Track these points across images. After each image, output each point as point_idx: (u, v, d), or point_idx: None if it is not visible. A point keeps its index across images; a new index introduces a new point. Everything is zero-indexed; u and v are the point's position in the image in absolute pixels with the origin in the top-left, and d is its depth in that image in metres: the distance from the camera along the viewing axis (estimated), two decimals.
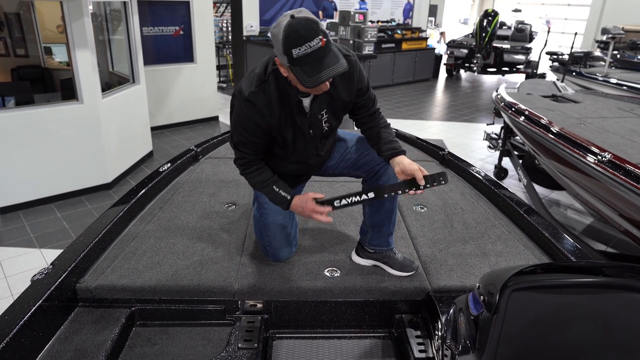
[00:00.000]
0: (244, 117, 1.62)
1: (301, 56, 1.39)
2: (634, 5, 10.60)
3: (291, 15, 1.39)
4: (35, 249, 3.40)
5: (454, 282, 1.84)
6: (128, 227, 2.19)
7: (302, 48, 1.38)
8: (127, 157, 4.72)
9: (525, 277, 1.17)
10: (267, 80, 1.59)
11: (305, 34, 1.37)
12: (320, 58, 1.41)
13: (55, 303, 1.62)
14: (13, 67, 5.17)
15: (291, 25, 1.38)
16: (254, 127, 1.63)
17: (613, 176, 2.64)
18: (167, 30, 5.94)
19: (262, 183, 1.75)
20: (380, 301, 1.82)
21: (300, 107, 1.65)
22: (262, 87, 1.58)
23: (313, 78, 1.41)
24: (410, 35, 9.89)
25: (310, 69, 1.41)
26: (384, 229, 1.90)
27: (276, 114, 1.62)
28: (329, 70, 1.42)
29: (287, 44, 1.38)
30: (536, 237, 2.15)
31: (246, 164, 1.74)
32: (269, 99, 1.59)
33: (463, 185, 2.77)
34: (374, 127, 1.82)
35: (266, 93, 1.58)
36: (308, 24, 1.38)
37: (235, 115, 1.66)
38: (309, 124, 1.70)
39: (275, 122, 1.63)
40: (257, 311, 1.80)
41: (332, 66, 1.42)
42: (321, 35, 1.40)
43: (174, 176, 2.76)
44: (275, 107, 1.61)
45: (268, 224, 1.91)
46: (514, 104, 4.01)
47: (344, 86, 1.68)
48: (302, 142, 1.74)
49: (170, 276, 1.83)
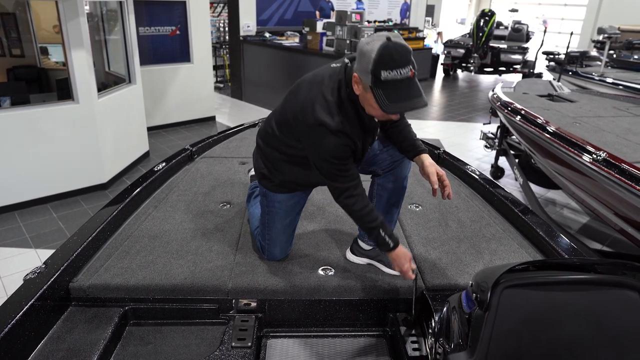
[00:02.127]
0: (339, 148, 1.56)
1: (389, 80, 1.38)
2: (630, 5, 10.64)
3: (387, 37, 1.38)
4: (31, 249, 3.39)
5: (448, 280, 1.84)
6: (122, 226, 2.18)
7: (392, 73, 1.37)
8: (123, 157, 4.71)
9: (517, 274, 1.17)
10: (344, 105, 1.55)
11: (398, 60, 1.37)
12: (405, 87, 1.40)
13: (48, 302, 1.61)
14: (9, 67, 5.16)
15: (387, 47, 1.36)
16: (349, 154, 1.60)
17: (608, 175, 2.65)
18: (163, 30, 5.93)
19: (369, 223, 1.67)
20: (374, 300, 1.82)
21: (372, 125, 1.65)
22: (344, 113, 1.55)
23: (395, 105, 1.41)
24: (407, 35, 9.91)
25: (393, 95, 1.40)
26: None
27: (359, 134, 1.62)
28: (412, 102, 1.41)
29: (378, 64, 1.37)
30: (531, 236, 2.15)
31: (350, 196, 1.65)
32: (352, 122, 1.57)
33: (458, 184, 2.77)
34: (397, 126, 1.84)
35: (348, 118, 1.56)
36: (403, 51, 1.38)
37: (324, 149, 1.57)
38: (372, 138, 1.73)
39: (359, 141, 1.63)
40: (251, 310, 1.80)
41: (415, 99, 1.41)
42: (411, 65, 1.40)
43: (169, 175, 2.76)
44: (357, 128, 1.60)
45: (275, 222, 1.90)
46: (510, 104, 4.02)
47: None
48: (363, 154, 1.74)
49: (164, 275, 1.82)
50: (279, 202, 1.88)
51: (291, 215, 1.92)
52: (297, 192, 1.90)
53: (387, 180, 1.86)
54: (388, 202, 1.89)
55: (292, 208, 1.92)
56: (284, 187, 1.86)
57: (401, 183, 1.88)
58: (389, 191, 1.87)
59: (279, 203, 1.88)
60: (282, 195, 1.87)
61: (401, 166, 1.85)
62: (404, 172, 1.87)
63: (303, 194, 1.94)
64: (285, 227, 1.92)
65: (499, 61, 9.99)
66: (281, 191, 1.87)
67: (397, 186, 1.87)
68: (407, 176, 1.89)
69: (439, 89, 10.09)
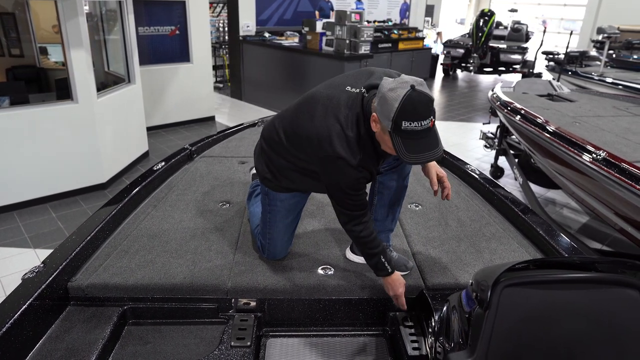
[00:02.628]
0: (355, 180, 1.59)
1: (409, 130, 1.38)
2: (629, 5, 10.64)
3: (412, 86, 1.38)
4: (30, 249, 3.38)
5: (448, 279, 1.84)
6: (121, 226, 2.18)
7: (413, 124, 1.37)
8: (123, 157, 4.70)
9: (517, 273, 1.17)
10: (362, 140, 1.56)
11: (421, 112, 1.37)
12: (424, 138, 1.41)
13: (46, 301, 1.61)
14: (8, 67, 5.15)
15: (411, 97, 1.36)
16: (364, 185, 1.64)
17: (608, 174, 2.65)
18: (163, 30, 5.92)
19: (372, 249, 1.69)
20: (374, 299, 1.82)
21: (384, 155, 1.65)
22: (364, 152, 1.57)
23: (414, 156, 1.41)
24: (406, 35, 9.90)
25: (411, 144, 1.41)
26: (387, 224, 1.92)
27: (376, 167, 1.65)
28: (430, 153, 1.42)
29: (400, 115, 1.37)
30: (531, 235, 2.15)
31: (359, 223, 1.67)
32: (371, 159, 1.60)
33: (458, 183, 2.77)
34: None
35: (368, 156, 1.58)
36: (426, 102, 1.38)
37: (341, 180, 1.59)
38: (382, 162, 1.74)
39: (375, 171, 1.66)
40: (250, 309, 1.79)
41: (433, 150, 1.42)
42: (432, 116, 1.40)
43: (168, 175, 2.75)
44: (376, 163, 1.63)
45: (276, 222, 1.90)
46: (509, 103, 4.02)
47: None
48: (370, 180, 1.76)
49: (163, 274, 1.82)
50: (280, 201, 1.88)
51: (293, 214, 1.93)
52: (297, 192, 1.90)
53: (389, 178, 1.87)
54: (390, 200, 1.90)
55: (294, 207, 1.92)
56: (286, 189, 1.86)
57: (403, 181, 1.89)
58: (391, 189, 1.88)
59: (281, 202, 1.88)
60: (284, 194, 1.87)
61: (403, 165, 1.85)
62: (406, 170, 1.88)
63: (304, 193, 1.94)
64: (287, 226, 1.92)
65: (499, 61, 9.99)
66: (283, 191, 1.87)
67: (399, 185, 1.88)
68: (409, 175, 1.91)
69: (438, 89, 10.09)
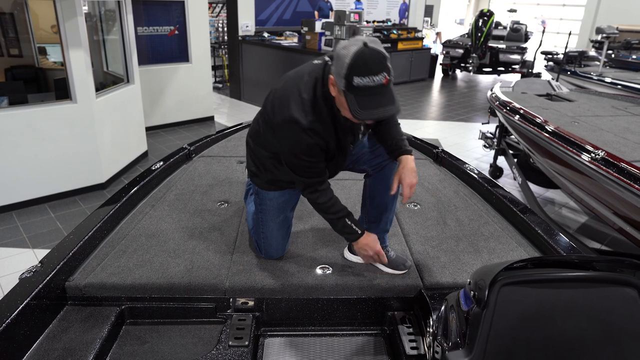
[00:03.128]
0: (306, 145, 1.58)
1: (361, 87, 1.38)
2: (628, 6, 10.65)
3: (364, 43, 1.38)
4: (28, 249, 3.38)
5: (446, 279, 1.84)
6: (119, 225, 2.17)
7: (365, 80, 1.37)
8: (122, 157, 4.70)
9: (514, 271, 1.17)
10: (318, 103, 1.56)
11: (372, 67, 1.37)
12: (378, 95, 1.40)
13: (44, 301, 1.60)
14: (7, 67, 5.14)
15: (362, 53, 1.36)
16: (319, 152, 1.61)
17: (607, 174, 2.64)
18: (162, 30, 5.92)
19: (335, 214, 1.71)
20: (373, 298, 1.81)
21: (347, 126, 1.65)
22: (316, 112, 1.55)
23: (365, 112, 1.40)
24: (406, 35, 9.90)
25: (365, 101, 1.40)
26: (381, 226, 1.91)
27: (332, 134, 1.62)
28: (383, 110, 1.41)
29: (351, 70, 1.37)
30: (529, 234, 2.14)
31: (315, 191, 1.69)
32: (325, 122, 1.58)
33: (457, 183, 2.77)
34: (385, 125, 1.82)
35: (321, 117, 1.56)
36: (379, 58, 1.37)
37: (293, 145, 1.60)
38: (352, 140, 1.72)
39: (332, 141, 1.64)
40: (249, 309, 1.79)
41: (387, 107, 1.41)
42: (386, 72, 1.39)
43: (167, 174, 2.75)
44: (330, 128, 1.60)
45: (267, 221, 1.90)
46: (508, 103, 4.02)
47: None
48: (342, 156, 1.75)
49: (161, 274, 1.81)
50: (269, 200, 1.88)
51: (283, 212, 1.91)
52: (288, 190, 1.89)
53: (377, 180, 1.85)
54: (382, 201, 1.87)
55: (284, 205, 1.91)
56: (273, 185, 1.86)
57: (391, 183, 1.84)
58: (380, 192, 1.86)
59: (270, 201, 1.88)
60: (273, 192, 1.87)
61: (389, 166, 1.82)
62: (394, 170, 1.82)
63: (294, 192, 1.92)
64: (279, 224, 1.91)
65: (498, 61, 9.99)
66: (271, 189, 1.86)
67: (387, 186, 1.84)
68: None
69: (437, 89, 10.09)
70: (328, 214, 1.73)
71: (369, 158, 1.85)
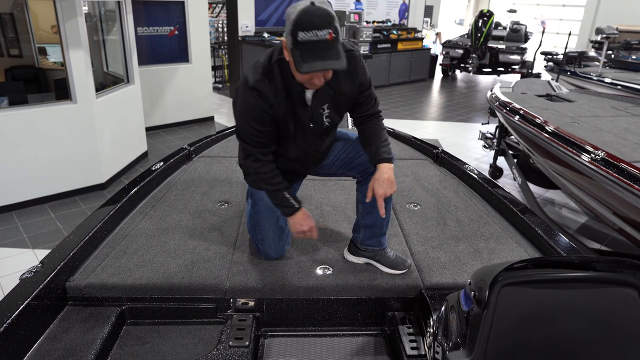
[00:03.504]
0: (251, 107, 1.58)
1: (305, 41, 1.39)
2: (627, 6, 10.66)
3: (312, 2, 1.41)
4: (29, 249, 3.38)
5: (446, 279, 1.84)
6: (119, 226, 2.18)
7: (309, 34, 1.38)
8: (122, 158, 4.70)
9: (515, 272, 1.17)
10: (272, 69, 1.58)
11: (316, 22, 1.39)
12: (322, 50, 1.41)
13: (45, 302, 1.60)
14: (7, 67, 5.14)
15: (307, 10, 1.39)
16: (262, 116, 1.60)
17: (607, 174, 2.65)
18: (162, 30, 5.92)
19: (275, 185, 1.72)
20: (373, 299, 1.82)
21: (302, 98, 1.63)
22: (267, 75, 1.57)
23: (306, 65, 1.41)
24: (405, 36, 9.91)
25: (307, 55, 1.41)
26: (376, 230, 1.89)
27: (282, 102, 1.60)
28: (323, 63, 1.41)
29: (296, 26, 1.39)
30: (529, 235, 2.14)
31: (257, 160, 1.69)
32: (274, 86, 1.58)
33: (457, 183, 2.77)
34: (369, 128, 1.81)
35: (271, 81, 1.58)
36: (323, 14, 1.40)
37: (240, 106, 1.62)
38: (310, 117, 1.68)
39: (281, 111, 1.62)
40: (249, 309, 1.79)
41: (329, 61, 1.41)
42: (332, 29, 1.40)
43: (167, 175, 2.75)
44: (281, 96, 1.60)
45: (261, 222, 1.90)
46: (508, 103, 4.02)
47: (348, 81, 1.67)
48: (302, 136, 1.72)
49: (162, 274, 1.81)
50: (261, 200, 1.88)
51: (275, 213, 1.89)
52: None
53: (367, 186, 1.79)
54: (373, 208, 1.81)
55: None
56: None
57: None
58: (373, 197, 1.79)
59: (261, 201, 1.88)
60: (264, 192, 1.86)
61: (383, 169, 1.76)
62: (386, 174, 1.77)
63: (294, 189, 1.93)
64: (273, 226, 1.90)
65: (498, 61, 10.00)
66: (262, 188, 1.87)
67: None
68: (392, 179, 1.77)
69: (437, 90, 10.10)
70: (269, 185, 1.73)
71: (358, 164, 1.83)
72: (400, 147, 3.28)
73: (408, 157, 3.13)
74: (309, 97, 1.64)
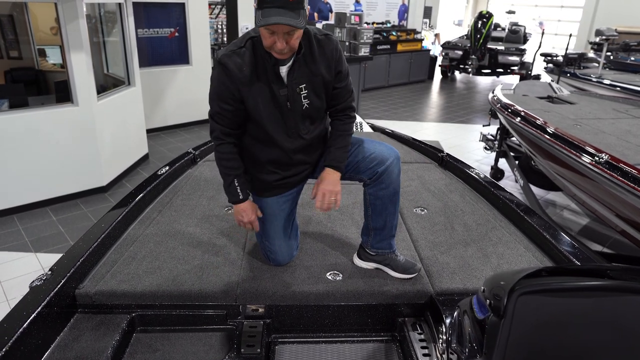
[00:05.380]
0: (216, 82, 1.64)
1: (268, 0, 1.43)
2: (625, 7, 10.71)
3: None
4: (31, 253, 3.36)
5: (456, 284, 1.84)
6: (127, 231, 2.17)
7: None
8: (123, 160, 4.68)
9: (532, 280, 1.17)
10: (244, 46, 1.62)
11: None
12: (282, 8, 1.43)
13: (55, 310, 1.59)
14: (6, 69, 5.11)
15: None
16: (224, 92, 1.63)
17: (610, 177, 2.66)
18: (162, 32, 5.90)
19: (227, 169, 1.76)
20: (383, 304, 1.81)
21: (276, 73, 1.63)
22: (237, 51, 1.61)
23: (264, 20, 1.44)
24: (405, 37, 9.92)
25: (267, 12, 1.43)
26: (386, 232, 1.89)
27: (247, 75, 1.61)
28: (279, 18, 1.43)
29: None
30: (537, 239, 2.15)
31: (217, 138, 1.73)
32: (241, 60, 1.61)
33: (462, 187, 2.77)
34: (336, 128, 1.83)
35: (240, 55, 1.61)
36: None
37: (211, 82, 1.67)
38: (287, 96, 1.66)
39: (245, 84, 1.62)
40: (259, 316, 1.79)
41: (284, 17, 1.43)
42: None
43: (173, 179, 2.74)
44: (247, 69, 1.61)
45: (267, 229, 1.90)
46: (510, 105, 4.02)
47: (324, 62, 1.68)
48: (281, 118, 1.70)
49: (171, 281, 1.80)
50: (262, 208, 1.89)
51: (278, 219, 1.89)
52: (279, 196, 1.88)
53: (377, 188, 1.81)
54: (384, 208, 1.83)
55: (279, 213, 1.90)
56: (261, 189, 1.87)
57: (393, 189, 1.81)
58: (383, 198, 1.82)
59: (263, 208, 1.89)
60: (265, 199, 1.88)
61: (387, 172, 1.78)
62: (392, 177, 1.79)
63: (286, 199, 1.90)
64: (276, 232, 1.89)
65: (497, 63, 10.03)
66: (262, 194, 1.88)
67: (389, 193, 1.81)
68: (397, 181, 1.82)
69: (437, 91, 10.11)
70: (222, 166, 1.76)
71: (365, 167, 1.81)
72: (405, 151, 3.28)
73: (413, 161, 3.13)
74: (284, 74, 1.64)
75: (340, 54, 1.72)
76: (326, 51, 1.66)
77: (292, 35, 1.51)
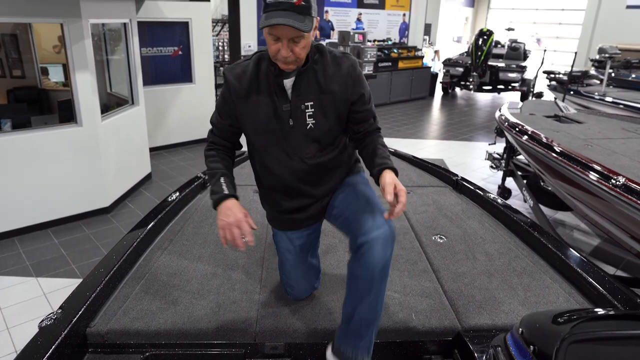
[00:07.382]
0: (221, 94, 1.64)
1: (271, 2, 1.38)
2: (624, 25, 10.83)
3: None
4: (32, 277, 3.26)
5: (484, 320, 1.76)
6: (138, 262, 2.08)
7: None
8: (126, 180, 4.60)
9: (584, 327, 1.10)
10: (250, 58, 1.60)
11: None
12: (287, 10, 1.37)
13: (66, 351, 1.51)
14: (9, 88, 5.07)
15: None
16: (223, 105, 1.63)
17: (627, 200, 2.61)
18: (165, 50, 5.88)
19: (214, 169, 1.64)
20: (409, 342, 1.73)
21: (279, 85, 1.52)
22: (241, 64, 1.60)
23: (267, 21, 1.37)
24: (406, 54, 9.97)
25: (270, 14, 1.37)
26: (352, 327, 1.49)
27: (244, 86, 1.55)
28: (283, 19, 1.35)
29: None
30: (563, 269, 2.08)
31: (211, 143, 1.73)
32: (242, 72, 1.58)
33: (480, 212, 2.71)
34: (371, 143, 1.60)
35: (242, 67, 1.59)
36: None
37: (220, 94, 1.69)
38: (290, 111, 1.53)
39: (242, 97, 1.56)
40: (279, 354, 1.70)
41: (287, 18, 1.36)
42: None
43: (182, 205, 2.66)
44: (246, 80, 1.56)
45: (284, 262, 1.83)
46: (518, 125, 3.99)
47: (337, 79, 1.53)
48: (279, 132, 1.56)
49: (186, 318, 1.72)
50: (276, 242, 1.82)
51: (291, 255, 1.76)
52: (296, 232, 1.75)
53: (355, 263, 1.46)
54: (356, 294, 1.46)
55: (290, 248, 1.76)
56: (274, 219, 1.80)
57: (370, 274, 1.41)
58: (356, 280, 1.45)
59: (277, 243, 1.82)
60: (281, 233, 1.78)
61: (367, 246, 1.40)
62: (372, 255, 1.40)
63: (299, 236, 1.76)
64: (293, 266, 1.78)
65: (498, 79, 10.08)
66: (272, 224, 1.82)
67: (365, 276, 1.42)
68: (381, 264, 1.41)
69: (438, 108, 10.13)
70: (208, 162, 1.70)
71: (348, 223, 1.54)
72: (417, 174, 3.22)
73: (427, 185, 3.07)
74: (289, 86, 1.53)
75: (360, 74, 1.59)
76: (342, 68, 1.53)
77: (297, 42, 1.40)
